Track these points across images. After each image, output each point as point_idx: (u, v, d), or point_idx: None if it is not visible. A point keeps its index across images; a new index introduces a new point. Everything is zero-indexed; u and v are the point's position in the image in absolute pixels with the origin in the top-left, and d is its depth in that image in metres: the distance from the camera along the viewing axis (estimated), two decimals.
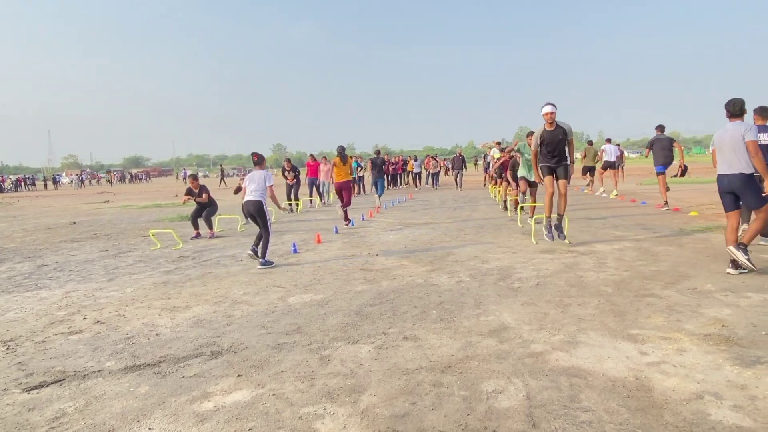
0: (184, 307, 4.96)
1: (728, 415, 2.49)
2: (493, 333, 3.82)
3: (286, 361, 3.48)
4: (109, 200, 24.59)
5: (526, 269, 5.86)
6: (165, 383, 3.22)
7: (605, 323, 3.90)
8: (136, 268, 7.02)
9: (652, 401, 2.66)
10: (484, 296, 4.82)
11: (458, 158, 22.67)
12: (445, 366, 3.26)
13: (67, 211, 18.72)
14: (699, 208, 10.71)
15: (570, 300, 4.56)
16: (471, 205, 14.62)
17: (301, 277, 5.98)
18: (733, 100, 5.43)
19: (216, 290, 5.57)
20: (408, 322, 4.18)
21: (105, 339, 4.12)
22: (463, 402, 2.77)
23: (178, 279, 6.22)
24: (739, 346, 3.34)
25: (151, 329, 4.32)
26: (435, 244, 7.88)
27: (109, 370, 3.47)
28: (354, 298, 4.96)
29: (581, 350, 3.41)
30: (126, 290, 5.74)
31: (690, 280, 5.04)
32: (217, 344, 3.87)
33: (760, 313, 3.95)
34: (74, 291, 5.82)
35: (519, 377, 3.04)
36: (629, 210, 11.35)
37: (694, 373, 2.97)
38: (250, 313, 4.66)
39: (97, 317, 4.74)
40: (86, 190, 42.69)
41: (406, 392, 2.92)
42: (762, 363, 3.05)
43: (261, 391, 3.02)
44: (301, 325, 4.23)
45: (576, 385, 2.90)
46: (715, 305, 4.20)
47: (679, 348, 3.35)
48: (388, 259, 6.85)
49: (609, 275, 5.39)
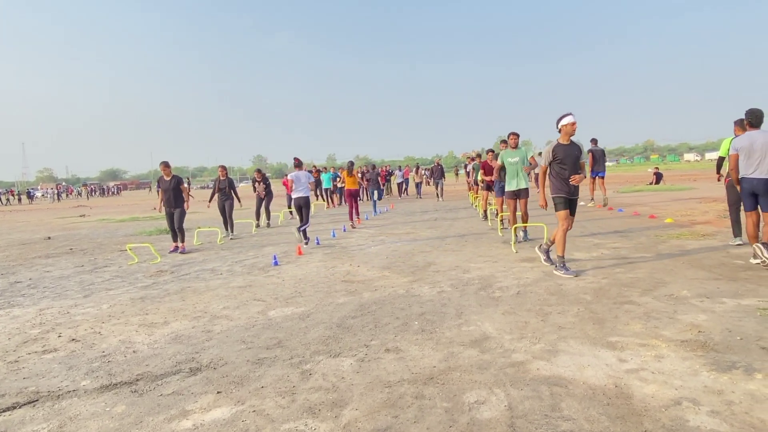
0: (162, 322, 4.88)
1: (706, 420, 2.53)
2: (475, 343, 3.82)
3: (267, 376, 3.44)
4: (85, 214, 24.15)
5: (507, 278, 5.89)
6: (142, 402, 3.15)
7: (585, 331, 3.94)
8: (112, 284, 6.88)
9: (631, 408, 2.69)
10: (466, 306, 4.83)
11: (437, 168, 22.40)
12: (427, 378, 3.25)
13: (42, 225, 18.33)
14: (674, 216, 10.91)
15: (550, 308, 4.60)
16: (452, 214, 14.69)
17: (282, 290, 5.93)
18: (756, 111, 5.97)
19: (195, 305, 5.49)
20: (390, 333, 4.16)
21: (80, 357, 4.03)
22: (445, 414, 2.76)
23: (156, 294, 6.11)
24: (716, 351, 3.40)
25: (127, 346, 4.23)
26: (416, 255, 7.89)
27: (85, 390, 3.38)
28: (335, 311, 4.93)
29: (561, 359, 3.43)
30: (102, 306, 5.62)
31: (667, 286, 5.12)
32: (196, 360, 3.81)
33: (734, 318, 4.02)
34: (49, 308, 5.68)
35: (501, 387, 3.04)
36: (606, 218, 11.52)
37: (672, 380, 3.00)
38: (229, 327, 4.60)
39: (72, 335, 4.63)
40: (62, 204, 41.86)
41: (388, 405, 2.90)
42: (737, 368, 3.11)
43: (241, 408, 2.98)
44: (281, 339, 4.19)
45: (557, 393, 2.92)
46: (691, 311, 4.27)
47: (657, 354, 3.40)
48: (369, 270, 6.83)
49: (588, 283, 5.45)
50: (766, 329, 3.72)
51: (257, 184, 14.15)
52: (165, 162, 9.81)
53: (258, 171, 14.75)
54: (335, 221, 14.48)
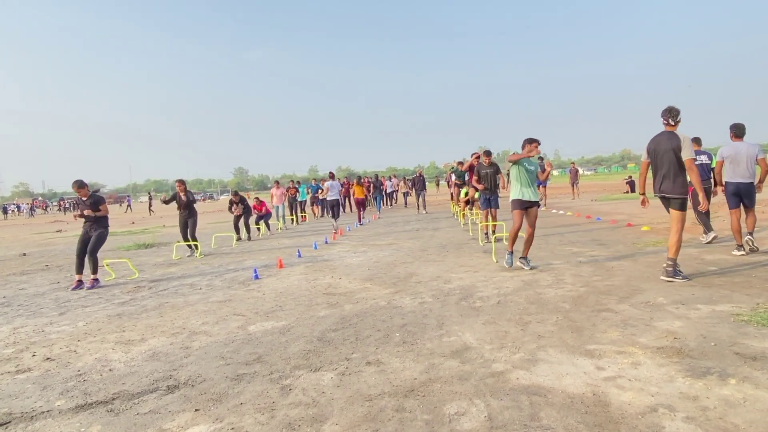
0: (139, 339, 4.80)
1: (681, 426, 2.56)
2: (456, 354, 3.83)
3: (246, 392, 3.40)
4: (61, 229, 23.70)
5: (488, 288, 5.93)
6: (118, 421, 3.09)
7: (564, 339, 3.98)
8: (89, 301, 6.76)
9: (608, 416, 2.72)
10: (447, 317, 4.84)
11: (419, 178, 20.99)
12: (408, 390, 3.24)
13: (17, 241, 17.94)
14: (651, 224, 11.10)
15: (530, 317, 4.63)
16: (433, 224, 14.75)
17: (263, 304, 5.89)
18: (740, 125, 7.18)
19: (173, 321, 5.41)
20: (371, 346, 4.15)
21: (55, 377, 3.94)
22: (425, 426, 2.76)
23: (134, 310, 6.02)
24: (691, 357, 3.45)
25: (104, 365, 4.15)
26: (398, 266, 7.90)
27: (59, 410, 3.31)
28: (316, 324, 4.90)
29: (541, 368, 3.45)
30: (78, 324, 5.51)
31: (643, 293, 5.20)
32: (174, 378, 3.75)
33: (709, 324, 4.10)
34: (23, 327, 5.55)
35: (481, 398, 3.05)
36: (584, 226, 11.68)
37: (648, 386, 3.05)
38: (208, 343, 4.54)
39: (47, 354, 4.53)
40: (37, 219, 41.04)
41: (369, 419, 2.89)
42: (712, 374, 3.16)
43: (219, 426, 2.94)
44: (261, 354, 4.15)
45: (536, 403, 2.93)
46: (667, 318, 4.34)
47: (633, 362, 3.44)
48: (351, 282, 6.82)
49: (566, 291, 5.51)
50: (739, 335, 3.79)
51: (234, 206, 13.79)
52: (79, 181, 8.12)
53: (234, 193, 14.36)
54: (317, 233, 14.44)
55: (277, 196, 17.28)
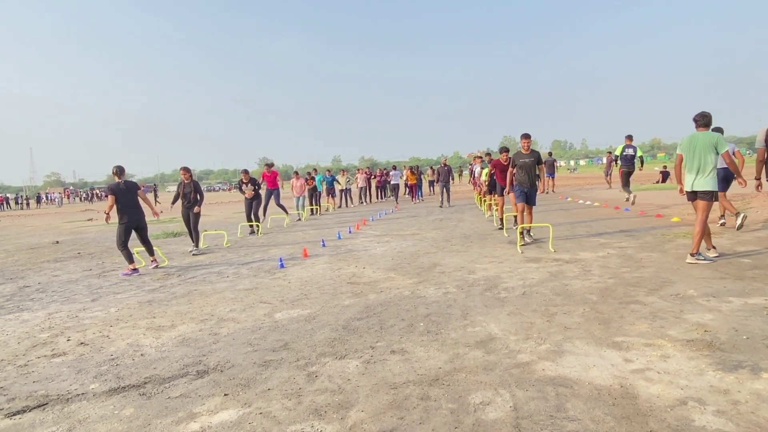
0: (169, 326, 4.91)
1: (711, 420, 2.53)
2: (480, 344, 3.83)
3: (273, 378, 3.46)
4: (92, 218, 24.31)
5: (513, 279, 5.89)
6: (150, 405, 3.18)
7: (590, 331, 3.94)
8: (120, 287, 6.94)
9: (637, 408, 2.69)
10: (471, 307, 4.83)
11: (444, 169, 18.72)
12: (432, 379, 3.26)
13: (50, 230, 18.47)
14: (681, 214, 10.86)
15: (556, 309, 4.60)
16: (457, 215, 14.69)
17: (288, 293, 5.96)
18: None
19: (202, 308, 5.52)
20: (395, 335, 4.18)
21: (89, 361, 4.06)
22: (450, 415, 2.77)
23: (163, 297, 6.16)
24: (722, 350, 3.39)
25: (135, 349, 4.27)
26: (422, 256, 7.90)
27: (93, 393, 3.42)
28: (341, 313, 4.95)
29: (567, 359, 3.43)
30: (110, 310, 5.67)
31: (673, 286, 5.10)
32: (203, 363, 3.84)
33: (741, 317, 4.01)
34: (57, 312, 5.73)
35: (506, 388, 3.05)
36: (613, 217, 11.48)
37: (677, 379, 3.00)
38: (236, 330, 4.63)
39: (80, 339, 4.68)
40: (69, 208, 42.15)
41: (394, 407, 2.91)
42: (744, 367, 3.10)
43: (248, 410, 3.00)
44: (288, 341, 4.21)
45: (562, 394, 2.92)
46: (697, 311, 4.26)
47: (662, 354, 3.39)
48: (375, 272, 6.85)
49: (594, 283, 5.44)
50: None
51: (244, 185, 12.92)
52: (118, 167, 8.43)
53: (245, 172, 13.53)
54: (340, 223, 14.52)
55: (298, 188, 17.06)
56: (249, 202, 12.93)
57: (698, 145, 6.09)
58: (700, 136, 6.13)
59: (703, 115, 6.20)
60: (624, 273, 5.81)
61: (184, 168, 10.20)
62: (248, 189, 12.78)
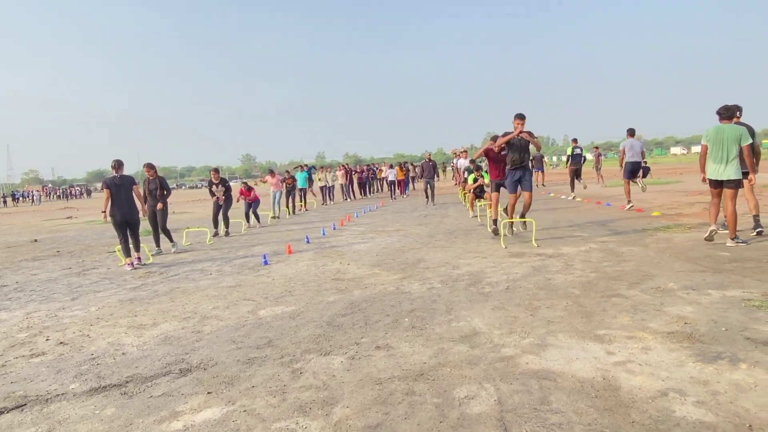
0: (151, 324, 4.85)
1: (692, 411, 2.56)
2: (465, 339, 3.84)
3: (257, 375, 3.43)
4: (72, 216, 23.91)
5: (496, 274, 5.93)
6: (132, 404, 3.14)
7: (573, 325, 3.98)
8: (100, 286, 6.83)
9: (619, 400, 2.72)
10: (456, 302, 4.85)
11: (428, 164, 18.15)
12: (417, 374, 3.26)
13: (27, 228, 18.13)
14: (661, 209, 11.02)
15: (539, 303, 4.63)
16: (441, 211, 14.73)
17: (272, 290, 5.92)
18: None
19: (184, 306, 5.46)
20: (380, 331, 4.17)
21: (68, 360, 3.99)
22: (435, 409, 2.78)
23: (145, 295, 6.07)
24: (701, 342, 3.44)
25: (116, 348, 4.20)
26: (406, 252, 7.90)
27: (74, 393, 3.36)
28: (326, 309, 4.93)
29: (550, 352, 3.46)
30: (90, 309, 5.58)
31: (653, 279, 5.18)
32: (186, 361, 3.80)
33: (719, 309, 4.08)
34: (36, 311, 5.63)
35: (490, 382, 3.06)
36: (594, 212, 11.61)
37: (658, 371, 3.04)
38: (219, 328, 4.58)
39: (60, 338, 4.59)
40: (47, 206, 41.38)
41: (379, 402, 2.91)
42: (723, 358, 3.16)
43: (232, 408, 2.97)
44: (272, 338, 4.19)
45: (546, 387, 2.94)
46: (677, 303, 4.32)
47: (644, 347, 3.44)
48: (359, 268, 6.84)
49: (576, 277, 5.49)
50: (750, 320, 3.77)
51: (214, 187, 12.27)
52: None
53: (215, 171, 12.83)
54: (325, 219, 14.48)
55: (274, 183, 16.00)
56: (218, 204, 12.30)
57: (725, 137, 6.55)
58: (726, 128, 6.60)
59: (727, 108, 6.70)
60: (606, 267, 5.87)
61: (147, 164, 9.82)
62: (219, 191, 12.19)
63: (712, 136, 6.68)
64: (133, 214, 8.25)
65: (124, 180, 8.19)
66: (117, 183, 8.08)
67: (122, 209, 8.09)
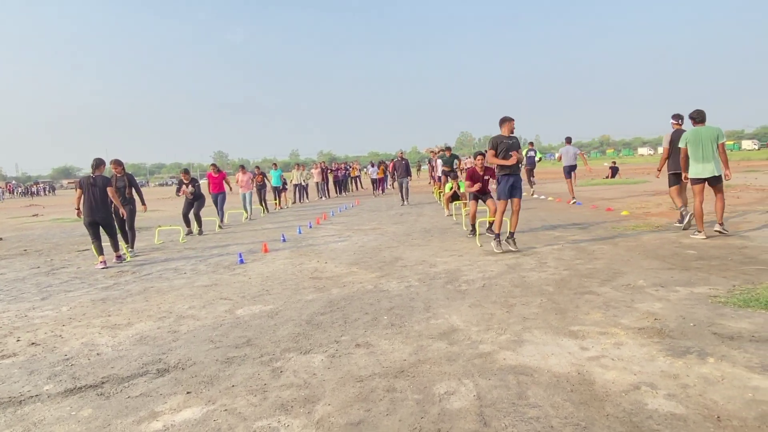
0: (125, 324, 4.78)
1: (663, 403, 2.67)
2: (443, 335, 3.90)
3: (237, 375, 3.42)
4: (38, 214, 23.24)
5: (472, 272, 6.01)
6: (109, 405, 3.09)
7: (548, 321, 4.07)
8: (71, 285, 6.68)
9: (593, 394, 2.81)
10: (433, 300, 4.91)
11: (401, 163, 17.26)
12: (397, 371, 3.30)
13: None
14: (630, 208, 11.32)
15: (514, 300, 4.72)
16: (417, 210, 14.82)
17: (249, 289, 5.89)
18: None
19: (159, 305, 5.39)
20: (360, 329, 4.20)
21: (41, 361, 3.91)
22: (416, 405, 2.82)
23: (118, 295, 5.97)
24: (671, 337, 3.57)
25: (91, 349, 4.13)
26: (383, 250, 7.94)
27: (48, 394, 3.30)
28: (304, 308, 4.93)
29: (527, 348, 3.54)
30: (62, 309, 5.46)
31: (624, 276, 5.33)
32: (163, 361, 3.76)
33: (687, 306, 4.23)
34: (5, 312, 5.47)
35: (469, 378, 3.12)
36: (566, 211, 11.85)
37: (631, 365, 3.15)
38: (196, 327, 4.54)
39: (31, 339, 4.49)
40: (12, 203, 40.11)
41: (361, 399, 2.94)
42: (691, 353, 3.28)
43: (212, 408, 2.96)
44: (251, 337, 4.17)
45: (523, 382, 3.02)
46: (647, 300, 4.46)
47: (616, 342, 3.55)
48: (337, 267, 6.85)
49: (550, 275, 5.62)
50: (717, 316, 3.93)
51: (185, 186, 11.98)
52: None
53: (185, 172, 12.57)
54: (301, 218, 14.42)
55: (244, 183, 14.94)
56: (189, 203, 12.00)
57: (703, 137, 7.04)
58: (702, 130, 7.12)
59: (699, 112, 7.24)
60: (578, 265, 6.02)
61: (114, 161, 9.38)
62: (188, 190, 11.86)
63: (691, 138, 7.13)
64: (103, 215, 8.07)
65: (98, 180, 8.05)
66: (90, 183, 7.98)
67: (91, 209, 7.94)
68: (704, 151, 7.06)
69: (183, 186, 12.02)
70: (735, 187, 14.45)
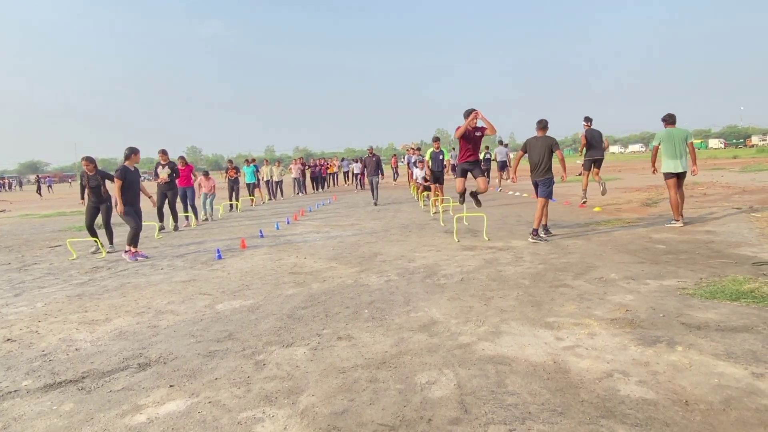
0: (103, 319, 4.73)
1: (635, 389, 2.79)
2: (424, 328, 3.98)
3: (220, 368, 3.44)
4: (5, 209, 22.61)
5: (451, 266, 6.12)
6: (91, 399, 3.09)
7: (524, 313, 4.19)
8: (45, 281, 6.57)
9: (569, 382, 2.92)
10: (413, 293, 4.99)
11: (371, 159, 16.03)
12: (380, 362, 3.37)
13: None
14: (602, 204, 11.59)
15: (492, 293, 4.83)
16: (395, 206, 14.90)
17: (228, 284, 5.88)
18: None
19: (137, 301, 5.35)
20: (341, 322, 4.25)
21: (18, 357, 3.86)
22: (399, 395, 2.89)
23: (94, 291, 5.90)
24: (641, 328, 3.72)
25: (69, 344, 4.09)
26: (362, 245, 8.00)
27: (27, 390, 3.27)
28: (285, 302, 4.96)
29: (504, 339, 3.64)
30: (37, 305, 5.37)
31: (597, 270, 5.49)
32: (144, 356, 3.75)
33: (657, 297, 4.40)
34: None
35: (450, 368, 3.21)
36: None
37: (604, 354, 3.28)
38: (176, 322, 4.53)
39: (6, 335, 4.42)
40: None
41: (344, 390, 3.00)
42: (661, 342, 3.43)
43: (196, 400, 2.98)
44: (232, 331, 4.19)
45: (502, 371, 3.11)
46: (619, 292, 4.62)
47: (590, 332, 3.68)
48: (316, 262, 6.88)
49: (525, 269, 5.75)
50: (685, 307, 4.10)
51: (160, 167, 11.31)
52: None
53: (163, 152, 11.63)
54: (278, 214, 14.35)
55: (208, 189, 13.82)
56: (163, 194, 11.44)
57: (675, 137, 7.89)
58: (674, 130, 7.97)
59: (671, 115, 8.09)
60: (552, 259, 6.17)
61: (86, 158, 8.89)
62: (163, 173, 11.23)
63: (664, 137, 8.01)
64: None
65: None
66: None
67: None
68: (677, 149, 7.87)
69: (159, 167, 11.37)
70: (702, 184, 14.92)
